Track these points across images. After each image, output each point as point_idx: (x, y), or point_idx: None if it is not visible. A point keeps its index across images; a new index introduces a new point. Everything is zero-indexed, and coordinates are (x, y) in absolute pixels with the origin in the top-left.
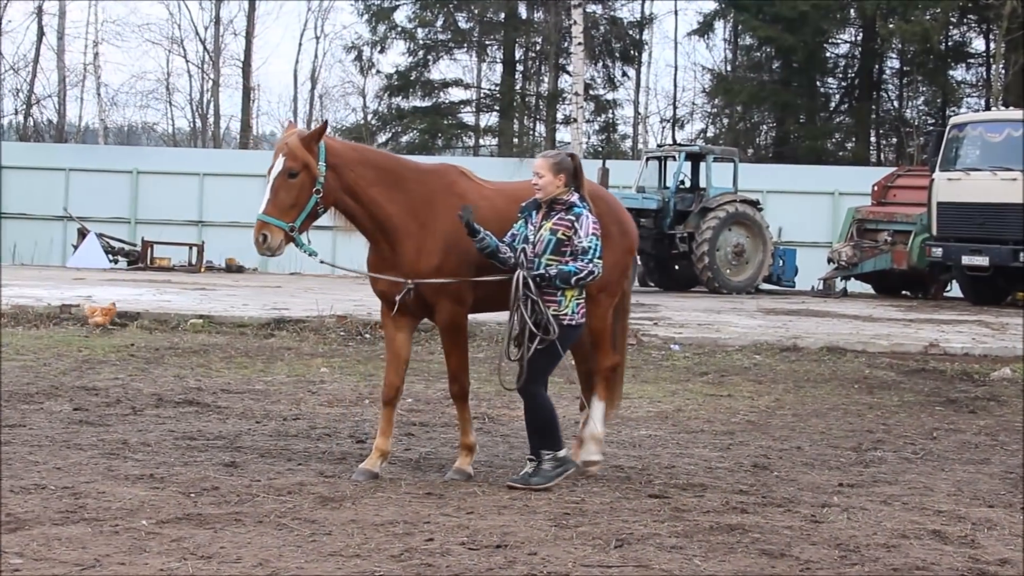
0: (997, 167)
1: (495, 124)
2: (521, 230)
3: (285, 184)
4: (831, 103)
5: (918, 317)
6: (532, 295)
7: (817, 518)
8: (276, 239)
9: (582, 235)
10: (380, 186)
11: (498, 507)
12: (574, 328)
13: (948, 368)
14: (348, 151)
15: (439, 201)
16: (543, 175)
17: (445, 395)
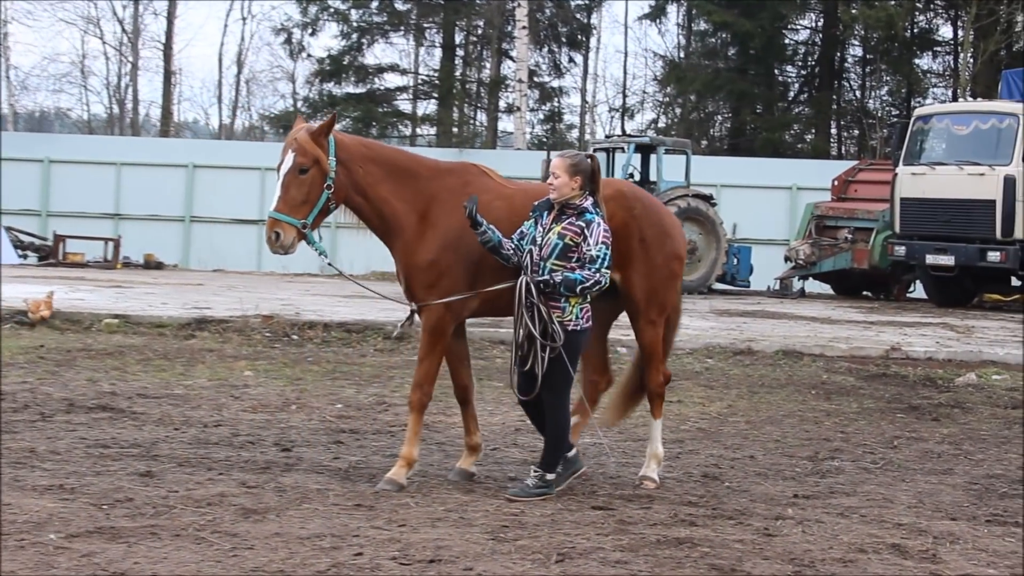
0: (964, 161)
1: (433, 112)
2: (531, 230)
3: (296, 180)
4: (790, 92)
5: (879, 319)
6: (535, 301)
7: (770, 531)
8: (289, 237)
9: (591, 243)
10: (390, 183)
11: (432, 519)
12: (580, 333)
13: (910, 373)
14: (357, 147)
15: (449, 200)
16: (559, 175)
17: (377, 401)
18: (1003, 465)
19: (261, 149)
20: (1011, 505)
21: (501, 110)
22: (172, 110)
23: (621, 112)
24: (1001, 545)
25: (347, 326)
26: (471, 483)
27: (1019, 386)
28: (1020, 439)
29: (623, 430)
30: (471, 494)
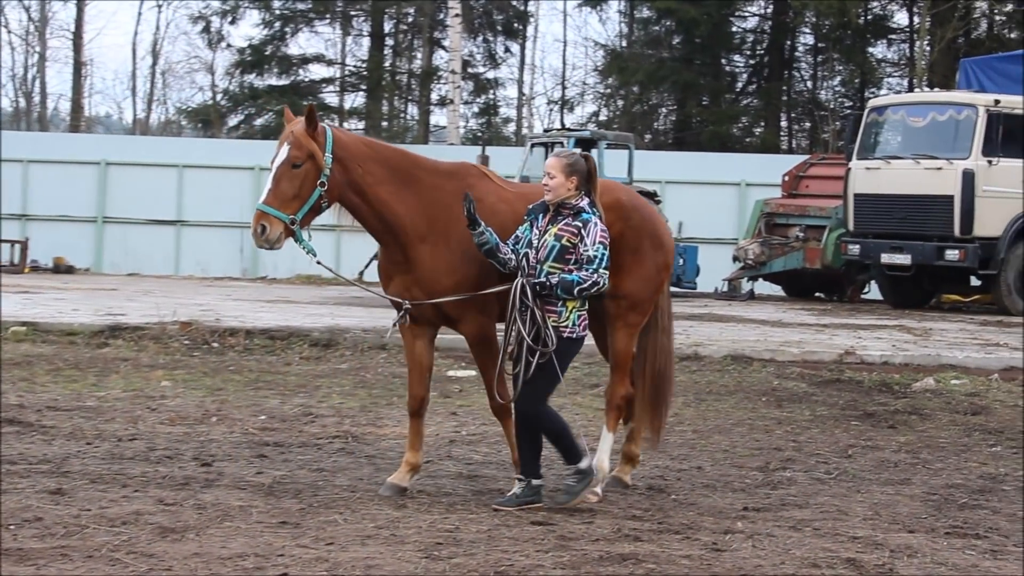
0: (920, 155)
1: (361, 106)
2: (526, 233)
3: (288, 174)
4: (737, 83)
5: (833, 322)
6: (530, 304)
7: (719, 546)
8: (275, 231)
9: (588, 243)
10: (389, 185)
11: (361, 537)
12: (574, 342)
13: (865, 378)
14: (357, 145)
15: (455, 205)
16: (554, 176)
17: (303, 412)
18: (963, 474)
19: (178, 145)
20: (971, 516)
21: (433, 103)
22: (83, 103)
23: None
24: (961, 558)
25: (271, 333)
26: (403, 499)
27: (979, 391)
28: (980, 447)
29: None
30: (403, 510)
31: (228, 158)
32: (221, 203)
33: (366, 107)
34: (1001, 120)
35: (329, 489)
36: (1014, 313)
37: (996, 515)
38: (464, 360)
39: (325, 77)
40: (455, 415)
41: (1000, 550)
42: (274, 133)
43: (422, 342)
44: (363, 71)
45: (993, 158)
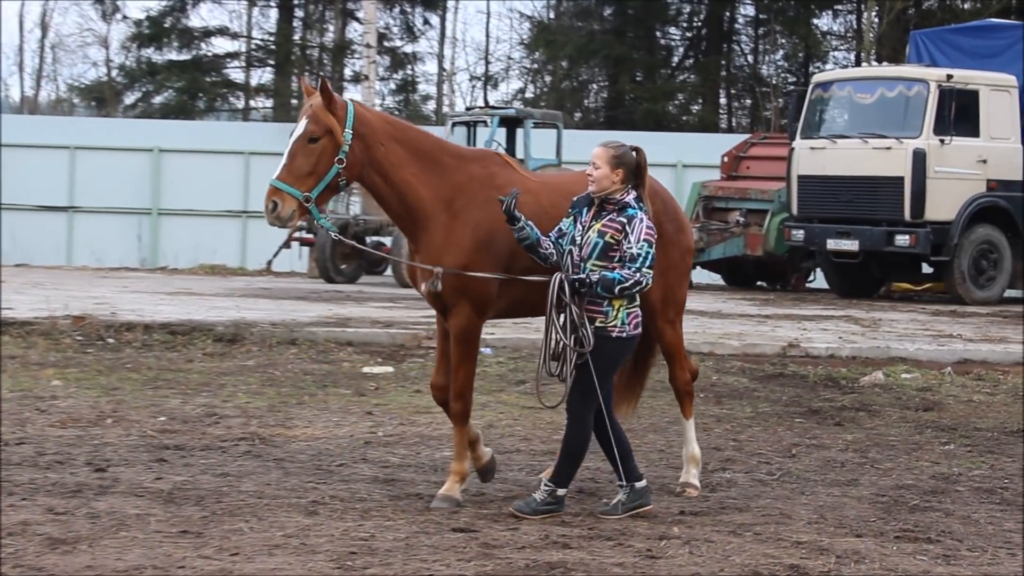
0: (868, 134)
1: (269, 82)
2: (571, 229)
3: (304, 149)
4: (673, 58)
5: (776, 312)
6: (568, 301)
7: (654, 553)
8: (288, 208)
9: (632, 240)
10: (413, 167)
11: (269, 546)
12: (626, 341)
13: (810, 373)
14: (381, 123)
15: (476, 191)
16: (599, 167)
17: (206, 412)
18: (914, 474)
19: (71, 124)
20: (923, 519)
21: (347, 79)
22: None
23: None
24: (912, 564)
25: (171, 327)
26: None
27: (931, 386)
28: (932, 445)
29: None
30: (313, 517)
31: (125, 139)
32: (117, 188)
33: (274, 84)
34: (954, 96)
35: (234, 495)
36: (968, 302)
37: (949, 518)
38: (380, 356)
39: (230, 52)
40: (371, 415)
41: (953, 555)
42: (175, 111)
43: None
44: (270, 45)
45: (945, 137)
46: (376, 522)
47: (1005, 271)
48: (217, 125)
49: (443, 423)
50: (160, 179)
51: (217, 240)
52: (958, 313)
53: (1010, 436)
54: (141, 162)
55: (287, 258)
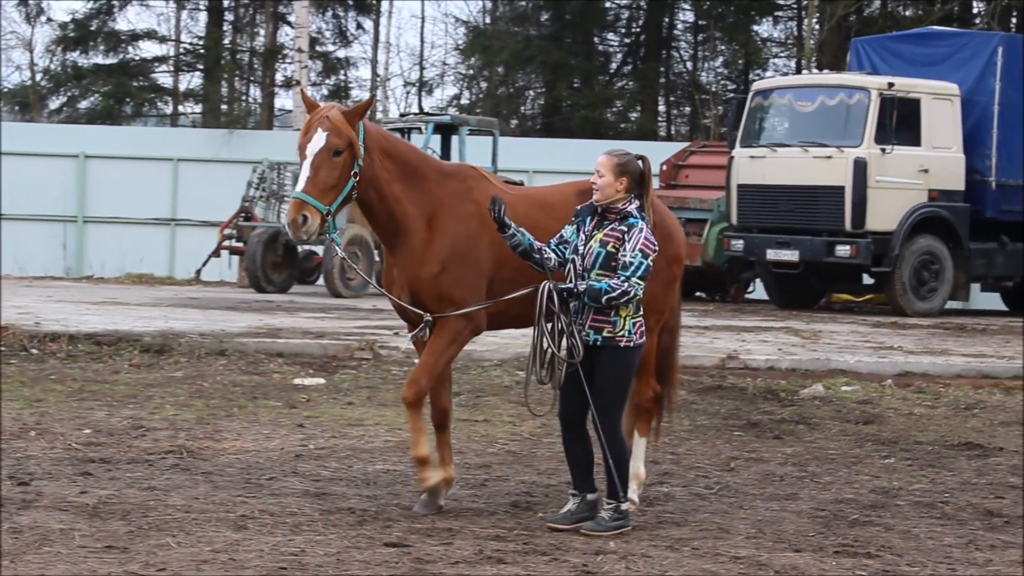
0: (809, 142)
1: (198, 87)
2: (573, 237)
3: (328, 162)
4: (611, 64)
5: (714, 324)
6: (556, 311)
7: (590, 568)
8: (315, 222)
9: (628, 248)
10: (401, 182)
11: (197, 562)
12: (634, 350)
13: (749, 385)
14: (379, 137)
15: (453, 205)
16: (604, 175)
17: (133, 425)
18: (854, 488)
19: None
20: (862, 534)
21: (278, 84)
22: None
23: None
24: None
25: (97, 337)
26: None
27: (872, 398)
28: (873, 459)
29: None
30: (243, 532)
31: (49, 144)
32: (42, 194)
33: (203, 89)
34: (895, 105)
35: (161, 509)
36: (909, 314)
37: (889, 532)
38: (312, 368)
39: (158, 55)
40: (302, 427)
41: (893, 570)
42: (102, 116)
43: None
44: (199, 49)
45: (887, 146)
46: (307, 537)
47: (946, 282)
48: (145, 131)
49: (375, 436)
50: (86, 186)
51: (145, 248)
52: (899, 325)
53: (951, 450)
54: (66, 168)
55: (216, 267)
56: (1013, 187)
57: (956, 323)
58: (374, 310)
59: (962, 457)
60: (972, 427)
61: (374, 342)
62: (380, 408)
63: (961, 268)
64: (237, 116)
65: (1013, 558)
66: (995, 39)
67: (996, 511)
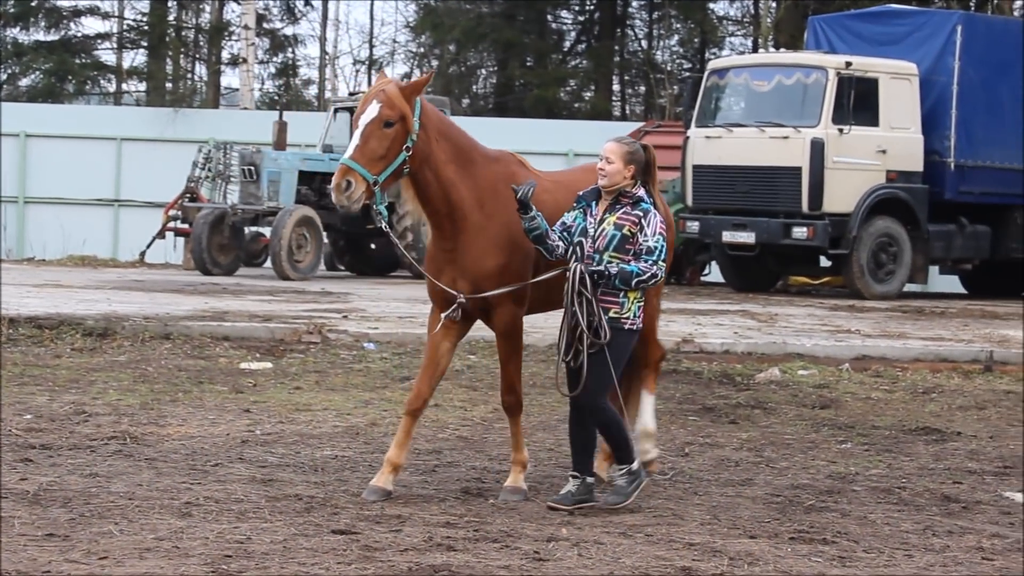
0: (765, 122)
1: (142, 65)
2: (579, 222)
3: (378, 133)
4: (565, 43)
5: (669, 307)
6: (587, 294)
7: (541, 555)
8: (359, 189)
9: (648, 234)
10: (455, 164)
11: (140, 550)
12: (634, 333)
13: (705, 369)
14: (436, 118)
15: (501, 191)
16: (613, 161)
17: (75, 410)
18: (809, 474)
19: None
20: (818, 520)
21: (224, 62)
22: None
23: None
24: (806, 566)
25: (38, 321)
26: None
27: (829, 382)
28: (829, 444)
29: (370, 440)
30: (187, 519)
31: None
32: None
33: (148, 67)
34: (853, 84)
35: (103, 496)
36: (867, 297)
37: (845, 518)
38: (259, 352)
39: (101, 32)
40: (248, 412)
41: (849, 556)
42: (43, 94)
43: (448, 344)
44: (144, 26)
45: (844, 126)
46: (252, 524)
47: (904, 265)
48: (87, 109)
49: (323, 421)
50: (27, 165)
51: (87, 230)
52: (856, 308)
53: (908, 434)
54: (7, 147)
55: (161, 249)
56: (972, 168)
57: (914, 306)
58: (322, 293)
59: (919, 442)
60: (930, 412)
61: (322, 326)
62: (328, 393)
63: (919, 250)
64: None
65: (970, 544)
66: (954, 18)
67: (954, 496)
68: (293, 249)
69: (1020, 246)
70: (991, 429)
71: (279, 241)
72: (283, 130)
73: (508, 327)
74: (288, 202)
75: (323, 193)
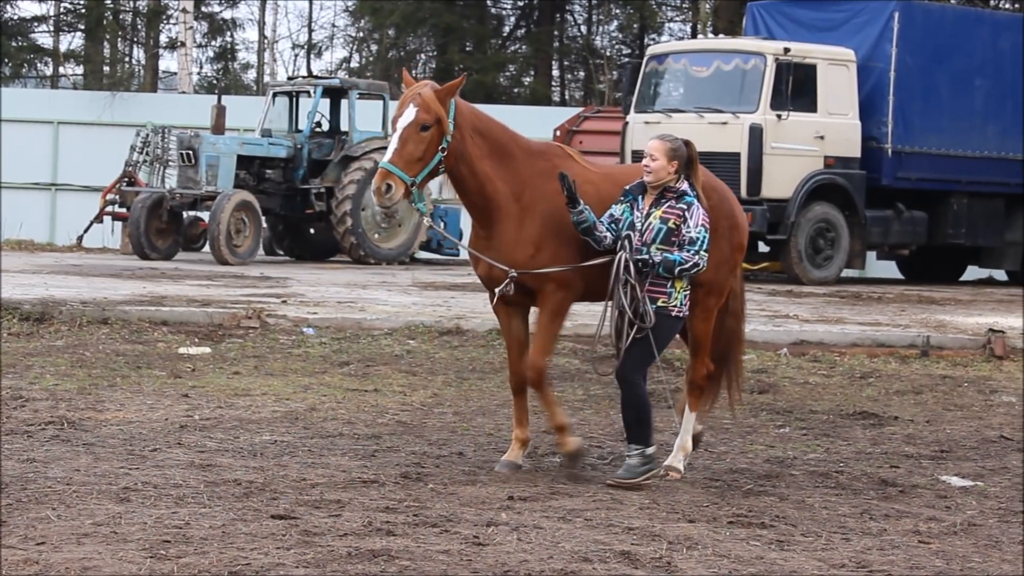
0: (704, 108)
1: (79, 48)
2: (625, 215)
3: (415, 136)
4: (504, 27)
5: None
6: (632, 280)
7: (481, 540)
8: (399, 191)
9: (691, 225)
10: (491, 159)
11: (77, 535)
12: (680, 320)
13: None
14: (470, 114)
15: (541, 185)
16: (657, 158)
17: (11, 395)
18: (748, 458)
19: None
20: (756, 504)
21: (162, 46)
22: None
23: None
24: (745, 549)
25: None
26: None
27: (767, 367)
28: (767, 428)
29: (309, 424)
30: (125, 504)
31: None
32: None
33: (84, 50)
34: (791, 70)
35: (40, 482)
36: (805, 282)
37: (783, 502)
38: (197, 336)
39: (37, 15)
40: (187, 397)
41: (787, 540)
42: None
43: (517, 320)
44: (80, 9)
45: (782, 112)
46: (191, 509)
47: (842, 250)
48: (24, 92)
49: (262, 406)
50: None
51: (24, 213)
52: (795, 293)
53: (845, 419)
54: None
55: (99, 233)
56: (909, 154)
57: (852, 291)
58: (261, 278)
59: (857, 426)
60: (867, 396)
61: (261, 310)
62: (267, 378)
63: (857, 236)
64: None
65: (907, 527)
66: (891, 5)
67: (891, 480)
68: (232, 234)
69: (956, 232)
70: (928, 413)
71: (218, 226)
72: (221, 114)
73: (553, 311)
74: (227, 186)
75: (262, 178)
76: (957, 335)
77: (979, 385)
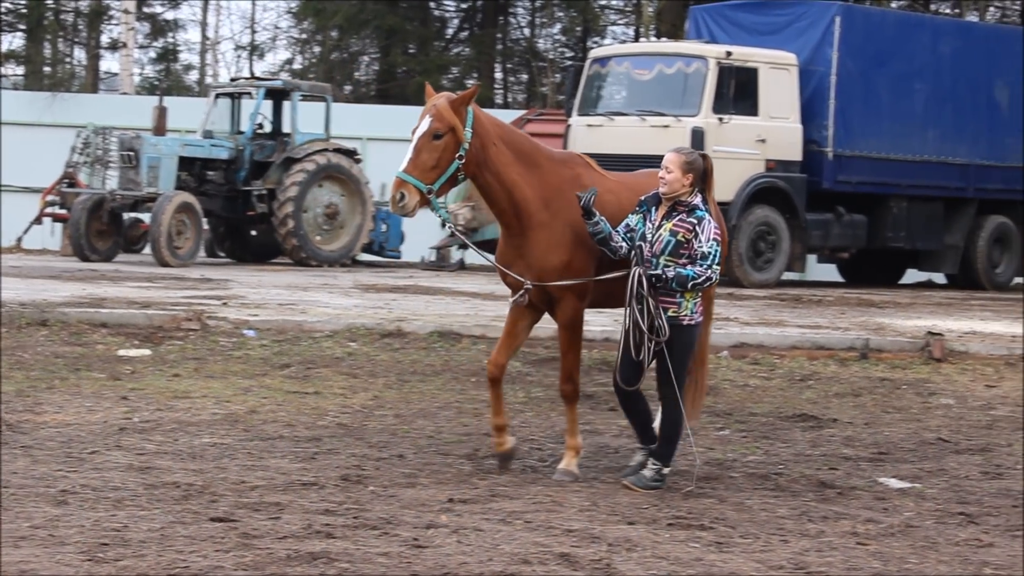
0: (647, 111)
1: (20, 48)
2: (639, 225)
3: (428, 145)
4: (448, 30)
5: None
6: (646, 294)
7: (420, 542)
8: (413, 200)
9: (703, 239)
10: (518, 167)
11: (15, 538)
12: (695, 327)
13: (585, 356)
14: (492, 125)
15: (567, 192)
16: (672, 171)
17: None
18: (688, 460)
19: None
20: (696, 506)
21: (104, 46)
22: None
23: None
24: (684, 551)
25: None
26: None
27: None
28: (707, 430)
29: (249, 427)
30: (63, 507)
31: None
32: None
33: (25, 50)
34: (733, 74)
35: None
36: (746, 285)
37: (722, 504)
38: (137, 339)
39: None
40: (126, 400)
41: (726, 542)
42: None
43: (525, 322)
44: (21, 8)
45: (724, 115)
46: (130, 512)
47: (783, 253)
48: None
49: (202, 409)
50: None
51: None
52: (735, 296)
53: (785, 421)
54: None
55: (39, 235)
56: (849, 158)
57: (792, 294)
58: (202, 280)
59: (796, 428)
60: (807, 398)
61: (202, 312)
62: (207, 380)
63: (797, 239)
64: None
65: (845, 529)
66: (832, 9)
67: (829, 482)
68: (172, 235)
69: (896, 235)
70: (866, 416)
71: (158, 227)
72: (163, 115)
73: (569, 320)
74: (168, 188)
75: (203, 179)
76: (896, 338)
77: (917, 387)
